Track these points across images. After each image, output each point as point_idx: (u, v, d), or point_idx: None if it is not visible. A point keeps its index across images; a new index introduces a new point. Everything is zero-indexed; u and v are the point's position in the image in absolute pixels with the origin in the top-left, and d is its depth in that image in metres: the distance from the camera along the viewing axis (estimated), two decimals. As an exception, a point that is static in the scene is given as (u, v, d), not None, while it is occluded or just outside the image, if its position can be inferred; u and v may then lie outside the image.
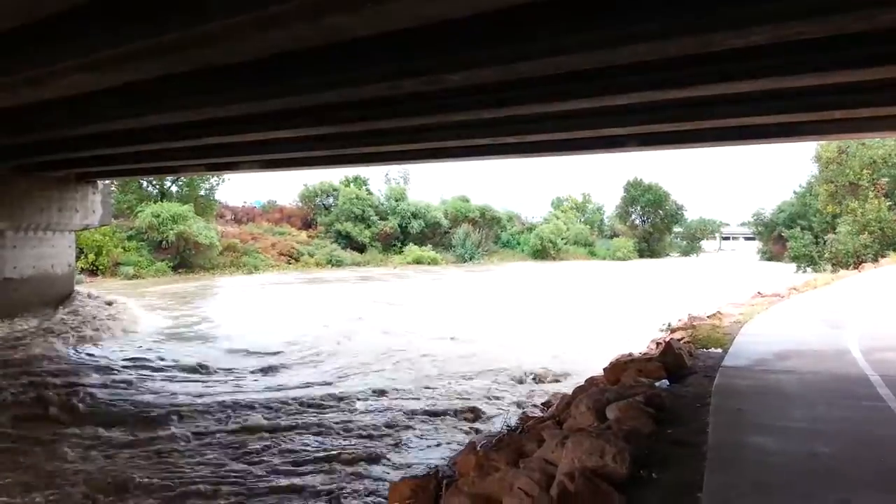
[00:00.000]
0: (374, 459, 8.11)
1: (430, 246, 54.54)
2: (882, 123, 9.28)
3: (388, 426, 9.46)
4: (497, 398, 11.26)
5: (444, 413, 10.19)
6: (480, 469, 5.20)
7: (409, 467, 7.66)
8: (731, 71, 6.30)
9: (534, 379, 12.71)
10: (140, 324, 18.44)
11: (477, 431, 9.10)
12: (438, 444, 8.81)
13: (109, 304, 19.07)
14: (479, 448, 6.23)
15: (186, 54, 5.90)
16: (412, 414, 10.12)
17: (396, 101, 8.14)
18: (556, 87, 7.16)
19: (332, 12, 4.70)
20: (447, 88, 7.13)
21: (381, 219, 54.20)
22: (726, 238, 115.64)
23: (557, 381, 12.49)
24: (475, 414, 10.13)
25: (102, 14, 5.35)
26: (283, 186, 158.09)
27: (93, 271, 32.51)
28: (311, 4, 4.54)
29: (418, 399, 11.13)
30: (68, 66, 6.19)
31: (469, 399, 11.10)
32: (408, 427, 9.49)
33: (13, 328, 15.77)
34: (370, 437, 9.02)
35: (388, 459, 8.17)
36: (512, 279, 40.84)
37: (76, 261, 21.11)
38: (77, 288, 19.55)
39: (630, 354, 10.04)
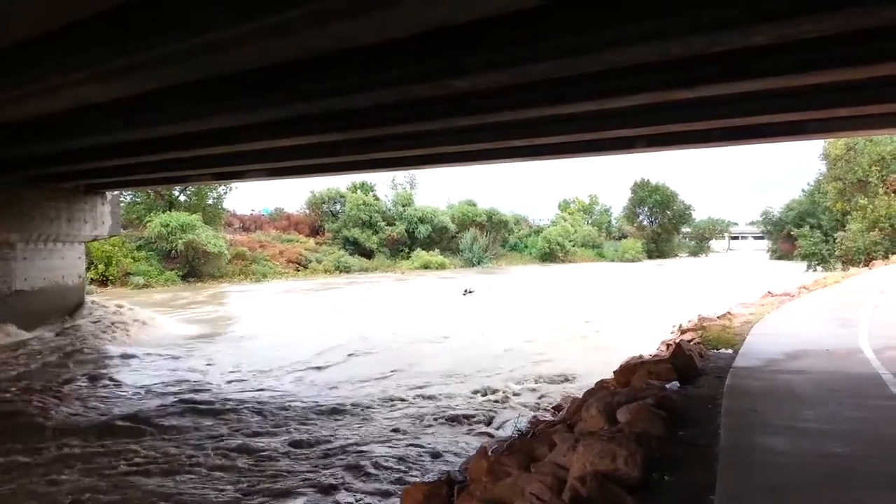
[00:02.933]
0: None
1: (437, 251, 54.60)
2: (889, 120, 9.23)
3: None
4: (506, 402, 11.22)
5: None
6: (492, 474, 5.20)
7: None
8: (737, 70, 6.29)
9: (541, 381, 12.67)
10: (160, 332, 18.57)
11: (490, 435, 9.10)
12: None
13: (121, 315, 19.08)
14: (490, 452, 6.22)
15: (194, 63, 5.96)
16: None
17: (403, 106, 8.17)
18: (563, 90, 7.16)
19: (337, 20, 4.74)
20: (454, 93, 7.16)
21: (389, 224, 54.30)
22: (735, 238, 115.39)
23: (568, 382, 12.46)
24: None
25: (111, 25, 5.40)
26: (290, 194, 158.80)
27: (103, 281, 32.69)
28: (317, 12, 4.57)
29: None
30: (78, 77, 6.27)
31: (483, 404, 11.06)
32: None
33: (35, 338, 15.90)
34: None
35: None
36: (523, 282, 40.79)
37: (86, 271, 21.23)
38: (88, 298, 19.63)
39: (640, 356, 10.00)
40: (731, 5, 4.66)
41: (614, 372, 8.37)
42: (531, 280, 42.71)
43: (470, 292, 30.95)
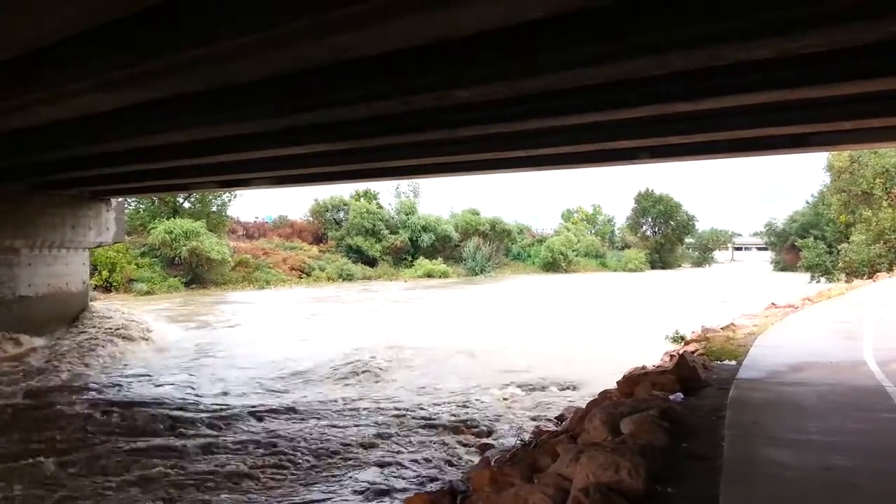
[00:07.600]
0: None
1: (440, 259, 54.56)
2: (892, 133, 9.23)
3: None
4: (510, 410, 11.21)
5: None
6: (495, 484, 5.19)
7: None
8: (739, 84, 6.29)
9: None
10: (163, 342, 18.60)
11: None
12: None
13: (124, 323, 19.00)
14: (493, 463, 6.22)
15: (197, 74, 6.00)
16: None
17: (407, 116, 8.19)
18: (566, 102, 7.18)
19: (336, 32, 4.77)
20: (457, 104, 7.18)
21: (392, 233, 54.31)
22: (739, 248, 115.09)
23: (571, 390, 12.48)
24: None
25: (116, 35, 5.44)
26: (293, 201, 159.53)
27: (106, 288, 32.77)
28: (316, 24, 4.59)
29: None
30: (84, 86, 6.31)
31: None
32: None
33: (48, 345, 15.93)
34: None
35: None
36: (526, 292, 40.74)
37: (90, 277, 21.27)
38: (91, 304, 19.63)
39: (644, 367, 10.00)
40: (732, 20, 4.67)
41: (618, 382, 8.37)
42: (519, 291, 42.66)
43: None
